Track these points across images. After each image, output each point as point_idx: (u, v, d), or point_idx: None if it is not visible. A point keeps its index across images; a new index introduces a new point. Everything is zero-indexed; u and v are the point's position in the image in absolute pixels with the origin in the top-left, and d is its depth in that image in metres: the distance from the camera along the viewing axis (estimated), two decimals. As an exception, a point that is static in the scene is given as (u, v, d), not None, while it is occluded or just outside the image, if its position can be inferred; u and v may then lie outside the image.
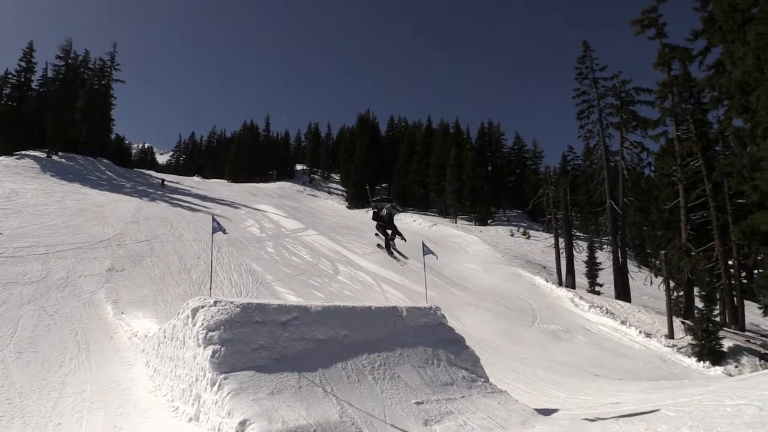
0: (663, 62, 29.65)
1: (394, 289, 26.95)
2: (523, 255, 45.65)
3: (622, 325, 25.50)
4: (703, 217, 28.74)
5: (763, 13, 18.57)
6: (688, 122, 29.43)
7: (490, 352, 18.16)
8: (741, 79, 19.58)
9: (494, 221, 65.72)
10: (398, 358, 9.98)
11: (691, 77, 29.63)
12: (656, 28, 30.61)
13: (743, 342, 23.89)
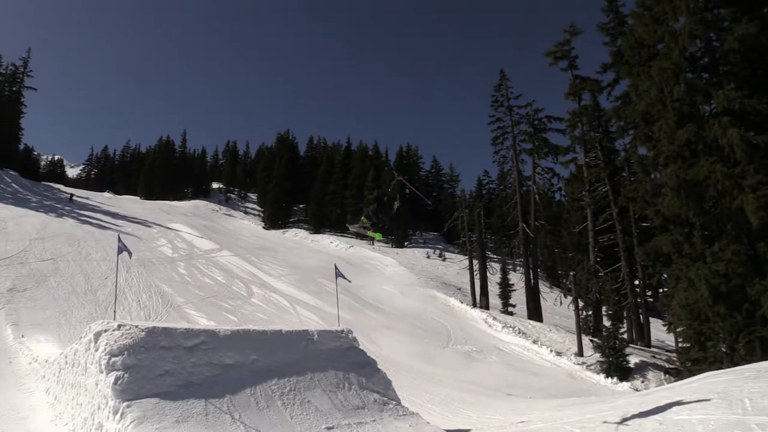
0: (574, 92, 31.35)
1: (309, 312, 26.75)
2: (439, 277, 46.46)
3: (533, 344, 26.27)
4: (611, 240, 30.29)
5: (666, 50, 19.88)
6: (596, 150, 31.09)
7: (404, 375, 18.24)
8: (645, 110, 20.82)
9: (411, 243, 66.51)
10: (309, 382, 9.82)
11: (600, 107, 31.29)
12: (568, 60, 32.43)
13: (649, 358, 25.19)
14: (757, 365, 13.09)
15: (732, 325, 17.86)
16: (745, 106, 17.88)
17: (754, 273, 17.48)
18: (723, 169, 17.41)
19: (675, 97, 19.06)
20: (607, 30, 29.66)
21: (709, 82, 19.71)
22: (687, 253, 19.22)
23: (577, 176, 31.87)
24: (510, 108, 39.03)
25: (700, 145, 18.82)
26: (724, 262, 17.52)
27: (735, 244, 17.75)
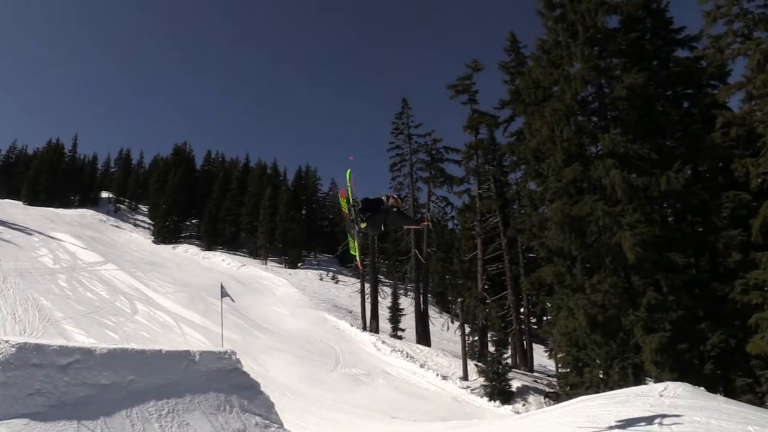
0: (472, 126, 32.66)
1: (196, 332, 25.88)
2: (331, 299, 46.41)
3: (421, 368, 26.72)
4: (499, 269, 31.61)
5: (560, 92, 21.32)
6: (489, 182, 32.48)
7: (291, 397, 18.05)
8: (537, 147, 22.11)
9: (305, 265, 65.94)
10: (188, 404, 9.49)
11: (496, 142, 32.81)
12: (469, 95, 33.71)
13: (531, 382, 26.34)
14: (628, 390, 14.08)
15: (607, 353, 19.15)
16: (628, 149, 19.41)
17: (628, 304, 18.87)
18: (604, 207, 18.76)
19: (565, 137, 20.37)
20: (507, 69, 31.23)
21: (598, 125, 21.29)
22: (568, 284, 20.44)
23: (470, 206, 33.11)
24: (410, 136, 39.89)
25: (585, 184, 20.23)
26: (602, 294, 18.80)
27: (612, 277, 19.10)
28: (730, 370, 19.27)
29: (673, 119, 21.34)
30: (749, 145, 20.02)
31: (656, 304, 18.34)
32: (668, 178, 18.79)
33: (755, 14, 20.36)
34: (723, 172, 20.51)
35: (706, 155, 20.58)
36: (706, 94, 22.24)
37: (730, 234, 19.07)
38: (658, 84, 22.02)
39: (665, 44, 23.08)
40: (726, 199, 19.53)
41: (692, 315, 19.47)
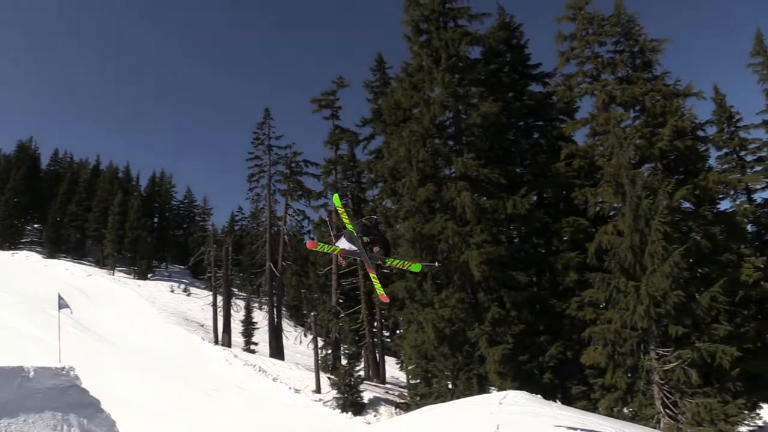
0: (332, 141, 33.01)
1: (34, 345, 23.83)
2: (182, 312, 44.59)
3: (273, 382, 26.43)
4: (353, 283, 32.05)
5: (420, 115, 22.23)
6: (347, 197, 32.87)
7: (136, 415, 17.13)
8: (393, 167, 22.90)
9: (155, 276, 62.75)
10: (22, 425, 8.83)
11: (356, 158, 33.29)
12: (332, 110, 33.95)
13: (383, 393, 26.94)
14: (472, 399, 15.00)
15: (454, 364, 20.21)
16: (479, 173, 20.76)
17: (474, 318, 20.08)
18: (454, 226, 19.84)
19: (421, 158, 21.24)
20: (371, 88, 31.95)
21: (453, 149, 22.46)
22: (419, 299, 21.32)
23: (327, 221, 33.26)
24: (270, 147, 39.48)
25: (438, 204, 21.25)
26: (450, 308, 19.83)
27: (460, 292, 20.23)
28: (567, 379, 21.22)
29: (523, 148, 23.34)
30: (589, 176, 22.34)
31: (500, 319, 19.70)
32: (515, 202, 20.36)
33: (604, 58, 22.68)
34: (565, 200, 22.79)
35: (551, 183, 22.63)
36: (555, 127, 24.48)
37: (568, 256, 21.09)
38: (512, 114, 23.92)
39: (521, 78, 25.14)
40: (566, 224, 21.62)
41: (533, 329, 21.27)
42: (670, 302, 17.17)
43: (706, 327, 18.24)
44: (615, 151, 19.84)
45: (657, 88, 21.53)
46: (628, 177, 18.57)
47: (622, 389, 18.76)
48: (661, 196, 18.67)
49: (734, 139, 27.87)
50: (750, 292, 21.43)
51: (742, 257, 21.04)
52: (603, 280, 18.57)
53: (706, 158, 23.04)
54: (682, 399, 17.79)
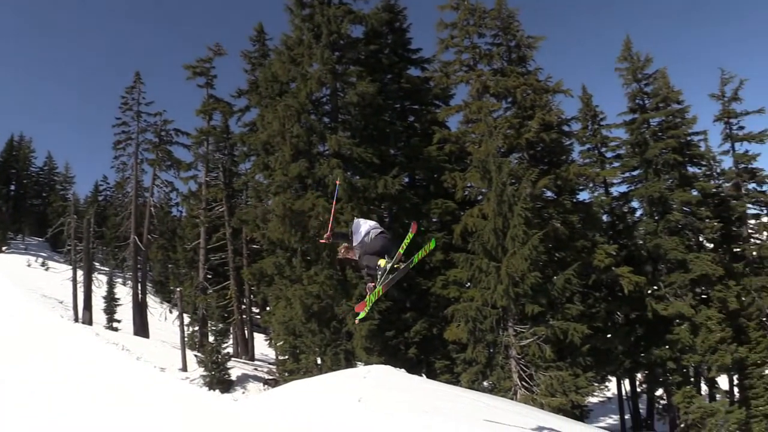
0: (205, 111, 31.55)
1: None
2: (40, 288, 41.36)
3: (137, 361, 25.22)
4: (222, 258, 31.15)
5: (296, 90, 21.75)
6: (218, 170, 31.71)
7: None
8: (267, 140, 22.30)
9: (10, 248, 58.06)
10: None
11: (229, 130, 32.00)
12: (207, 78, 32.26)
13: (251, 370, 26.53)
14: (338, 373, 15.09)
15: (322, 340, 20.26)
16: (353, 152, 20.70)
17: (342, 295, 20.16)
18: (325, 203, 19.67)
19: (295, 133, 20.84)
20: (250, 58, 30.88)
21: (328, 126, 22.23)
22: (288, 275, 21.10)
23: (196, 193, 31.97)
24: (139, 114, 36.96)
25: (310, 180, 21.01)
26: (318, 285, 19.77)
27: (329, 269, 20.16)
28: (431, 354, 22.10)
29: (398, 130, 23.68)
30: (460, 161, 23.12)
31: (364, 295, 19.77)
32: (386, 182, 20.54)
33: (482, 49, 23.30)
34: (435, 182, 23.42)
35: (423, 165, 23.25)
36: (430, 111, 25.05)
37: (436, 236, 21.62)
38: (389, 96, 24.08)
39: (401, 61, 25.35)
40: (435, 206, 22.36)
41: (399, 306, 21.86)
42: (528, 283, 18.18)
43: (561, 306, 19.59)
44: (485, 138, 20.54)
45: (529, 83, 22.54)
46: (496, 164, 19.31)
47: (482, 363, 19.77)
48: (524, 183, 19.69)
49: (597, 136, 29.95)
50: (601, 276, 23.32)
51: (596, 244, 22.75)
52: (467, 261, 19.31)
53: (569, 152, 24.70)
54: (537, 372, 18.98)
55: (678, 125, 27.72)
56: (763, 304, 28.59)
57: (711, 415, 24.78)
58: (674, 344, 24.84)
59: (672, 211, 26.28)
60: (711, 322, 25.14)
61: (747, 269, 29.38)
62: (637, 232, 27.29)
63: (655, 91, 28.14)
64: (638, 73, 28.44)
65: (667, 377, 26.17)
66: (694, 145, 29.05)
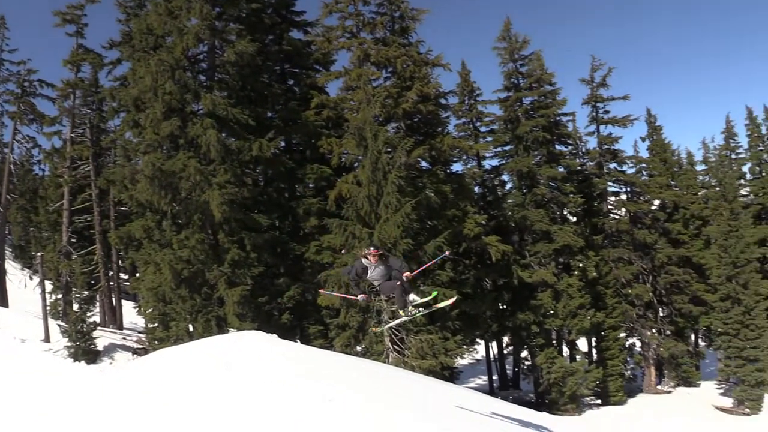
0: (73, 61, 29.07)
1: None
2: None
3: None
4: (88, 221, 29.37)
5: (172, 44, 20.54)
6: (85, 126, 29.46)
7: None
8: (138, 96, 21.06)
9: None
10: None
11: (99, 84, 29.82)
12: (77, 26, 29.50)
13: (120, 340, 25.47)
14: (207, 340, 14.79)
15: (192, 306, 19.72)
16: (228, 113, 19.98)
17: (213, 260, 19.70)
18: (197, 164, 19.02)
19: (168, 90, 19.80)
20: (125, 7, 28.38)
21: (203, 84, 21.30)
22: (157, 239, 20.32)
23: (61, 150, 29.62)
24: (0, 62, 33.59)
25: (182, 140, 20.15)
26: (189, 249, 19.17)
27: (200, 233, 19.61)
28: (305, 319, 22.30)
29: (276, 92, 23.26)
30: (337, 127, 23.10)
31: (239, 261, 19.62)
32: (261, 144, 20.10)
33: (366, 17, 23.07)
34: (311, 147, 23.30)
35: (300, 130, 23.02)
36: (310, 76, 24.72)
37: (310, 201, 21.84)
38: (269, 57, 23.52)
39: (283, 22, 24.74)
40: (310, 171, 22.29)
41: (273, 271, 21.76)
42: (400, 249, 18.52)
43: (431, 273, 20.06)
44: (363, 106, 20.59)
45: (410, 54, 22.67)
46: (372, 132, 19.45)
47: (355, 328, 20.19)
48: (399, 152, 19.97)
49: (472, 111, 31.06)
50: (471, 245, 24.28)
51: (467, 214, 23.66)
52: (340, 226, 19.44)
53: (445, 124, 25.52)
54: (408, 336, 19.59)
55: (549, 105, 29.31)
56: (619, 274, 31.18)
57: (571, 375, 26.83)
58: (538, 309, 26.63)
59: (539, 185, 27.96)
60: (572, 289, 27.15)
61: (605, 242, 31.97)
62: (506, 203, 28.94)
63: (530, 72, 29.55)
64: (515, 54, 29.67)
65: (531, 340, 28.03)
66: (563, 125, 30.94)
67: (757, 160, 39.68)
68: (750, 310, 30.88)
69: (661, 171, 35.34)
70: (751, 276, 31.25)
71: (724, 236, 32.21)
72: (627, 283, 32.01)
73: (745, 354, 30.67)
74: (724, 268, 31.75)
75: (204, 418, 7.20)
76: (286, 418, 7.10)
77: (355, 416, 7.45)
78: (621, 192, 34.12)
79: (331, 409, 7.54)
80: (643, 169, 34.56)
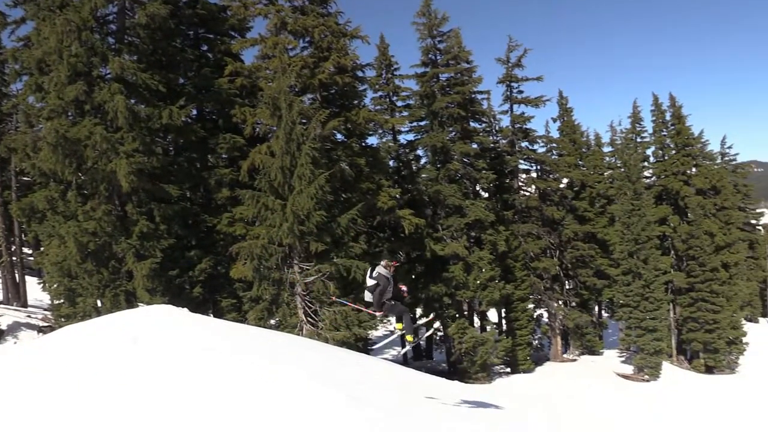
0: (-27, 20, 27.18)
1: None
2: None
3: None
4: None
5: (78, 4, 19.34)
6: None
7: None
8: (41, 58, 19.80)
9: None
10: None
11: (1, 45, 28.24)
12: (-22, -18, 27.57)
13: (24, 318, 24.42)
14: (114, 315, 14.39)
15: (99, 281, 19.04)
16: (138, 78, 19.24)
17: (121, 232, 19.04)
18: (104, 132, 18.22)
19: (74, 52, 18.78)
20: (30, -36, 26.87)
21: (111, 47, 20.26)
22: (61, 211, 19.33)
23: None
24: None
25: (88, 106, 19.25)
26: (95, 221, 18.42)
27: (107, 204, 18.92)
28: (217, 293, 21.90)
29: (189, 58, 22.50)
30: (251, 96, 22.68)
31: (149, 233, 19.09)
32: (172, 112, 19.50)
33: None
34: (224, 116, 22.71)
35: (212, 98, 22.33)
36: (224, 42, 23.98)
37: (222, 172, 21.41)
38: (182, 21, 22.64)
39: (199, -15, 23.77)
40: (223, 141, 21.72)
41: (183, 243, 21.18)
42: (314, 221, 18.55)
43: (345, 245, 20.34)
44: (278, 75, 20.29)
45: (328, 24, 22.48)
46: (287, 102, 19.17)
47: (269, 301, 20.08)
48: (314, 123, 19.96)
49: (390, 85, 31.30)
50: (385, 218, 24.66)
51: (381, 187, 23.90)
52: (253, 198, 19.17)
53: (362, 97, 25.34)
54: (322, 308, 19.70)
55: (465, 83, 29.80)
56: (527, 248, 32.48)
57: (482, 344, 27.83)
58: (450, 281, 27.37)
59: (453, 160, 28.60)
60: (482, 262, 28.05)
61: (515, 217, 33.21)
62: (420, 178, 29.40)
63: (447, 49, 29.89)
64: (434, 30, 29.93)
65: (444, 311, 28.76)
66: (478, 102, 31.61)
67: (660, 145, 42.07)
68: (649, 284, 33.10)
69: (570, 151, 37.02)
70: (651, 252, 33.43)
71: (627, 215, 34.23)
72: (535, 257, 33.50)
73: (645, 324, 32.96)
74: (627, 245, 33.82)
75: (104, 394, 7.07)
76: (192, 391, 7.04)
77: (263, 386, 7.49)
78: (531, 170, 35.55)
79: (241, 380, 7.55)
80: (553, 149, 36.12)
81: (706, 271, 36.91)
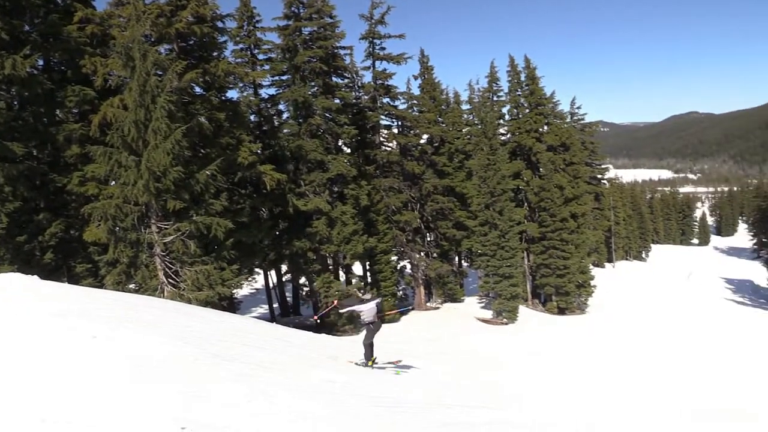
0: None
1: None
2: None
3: None
4: None
5: None
6: None
7: None
8: None
9: None
10: None
11: None
12: None
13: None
14: None
15: None
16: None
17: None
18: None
19: None
20: None
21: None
22: None
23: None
24: None
25: None
26: (-72, 183, 16.91)
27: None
28: (71, 258, 20.65)
29: (34, 3, 20.19)
30: (103, 45, 21.26)
31: (-9, 196, 17.76)
32: (14, 62, 17.92)
33: None
34: (73, 67, 21.03)
35: (61, 47, 20.61)
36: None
37: (71, 127, 19.95)
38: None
39: None
40: (72, 93, 20.19)
41: (31, 206, 19.81)
42: (171, 178, 17.80)
43: (205, 202, 19.74)
44: (132, 23, 19.03)
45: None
46: (140, 51, 18.07)
47: (126, 263, 19.08)
48: (170, 75, 19.05)
49: (251, 37, 30.44)
50: (246, 173, 24.45)
51: (242, 142, 23.54)
52: (105, 154, 17.83)
53: (222, 49, 24.42)
54: (183, 268, 19.07)
55: (327, 37, 29.72)
56: (389, 202, 33.65)
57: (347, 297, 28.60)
58: (313, 236, 27.79)
59: (315, 115, 28.64)
60: (345, 216, 28.65)
61: (377, 172, 34.16)
62: (282, 133, 29.21)
63: (310, 2, 29.53)
64: (297, -18, 29.49)
65: (309, 266, 29.28)
66: (340, 57, 31.67)
67: (515, 104, 44.71)
68: (505, 234, 35.55)
69: (430, 108, 38.37)
70: (506, 204, 35.81)
71: (483, 169, 36.31)
72: (397, 211, 34.75)
73: (501, 272, 35.46)
74: (483, 197, 36.01)
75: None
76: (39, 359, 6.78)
77: (118, 350, 7.39)
78: (393, 125, 36.49)
79: (94, 346, 7.44)
80: (414, 105, 37.20)
81: (556, 221, 40.62)
